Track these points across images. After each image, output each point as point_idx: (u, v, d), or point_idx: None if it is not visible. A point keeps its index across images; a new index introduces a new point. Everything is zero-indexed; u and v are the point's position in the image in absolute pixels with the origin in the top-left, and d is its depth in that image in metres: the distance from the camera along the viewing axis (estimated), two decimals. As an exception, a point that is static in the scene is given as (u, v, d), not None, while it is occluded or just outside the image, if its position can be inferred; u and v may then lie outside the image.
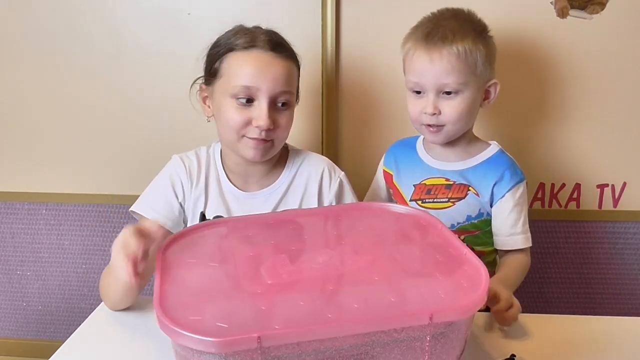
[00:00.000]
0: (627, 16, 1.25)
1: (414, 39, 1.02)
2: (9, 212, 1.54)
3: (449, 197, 1.08)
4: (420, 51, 1.00)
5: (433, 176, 1.10)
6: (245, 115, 0.98)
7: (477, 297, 0.61)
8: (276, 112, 0.99)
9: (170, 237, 0.77)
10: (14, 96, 1.43)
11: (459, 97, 1.00)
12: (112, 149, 1.44)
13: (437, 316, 0.58)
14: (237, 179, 1.07)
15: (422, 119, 1.03)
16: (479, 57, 0.99)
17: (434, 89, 1.00)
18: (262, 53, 0.98)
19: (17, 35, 1.38)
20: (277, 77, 0.98)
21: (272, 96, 0.98)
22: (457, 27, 0.99)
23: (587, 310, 1.49)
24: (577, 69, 1.30)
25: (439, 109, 1.01)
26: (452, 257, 0.70)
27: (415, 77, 1.02)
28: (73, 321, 1.62)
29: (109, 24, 1.35)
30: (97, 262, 1.57)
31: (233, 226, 0.82)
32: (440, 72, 0.98)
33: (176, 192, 1.05)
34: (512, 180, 1.06)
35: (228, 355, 0.55)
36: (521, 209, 1.07)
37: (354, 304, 0.60)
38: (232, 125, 0.98)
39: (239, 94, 0.97)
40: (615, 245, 1.44)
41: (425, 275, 0.67)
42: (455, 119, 1.01)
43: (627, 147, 1.35)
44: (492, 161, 1.08)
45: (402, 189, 1.14)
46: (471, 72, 0.99)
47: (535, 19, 1.26)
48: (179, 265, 0.70)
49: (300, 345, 0.56)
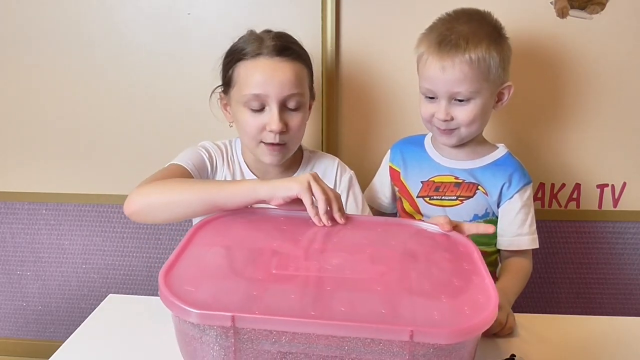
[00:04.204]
0: (627, 16, 1.25)
1: (427, 44, 1.01)
2: (9, 212, 1.54)
3: (457, 195, 1.09)
4: (433, 58, 0.99)
5: (442, 174, 1.10)
6: (259, 121, 1.02)
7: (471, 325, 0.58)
8: (287, 114, 1.03)
9: (209, 216, 0.82)
10: (14, 96, 1.43)
11: (471, 104, 1.00)
12: (112, 149, 1.44)
13: (419, 335, 0.55)
14: (257, 172, 1.13)
15: (434, 122, 1.04)
16: (492, 64, 0.98)
17: (446, 96, 1.00)
18: (268, 60, 1.01)
19: (18, 35, 1.38)
20: (284, 82, 1.01)
21: (281, 100, 1.01)
22: (471, 34, 0.98)
23: (587, 310, 1.49)
24: (576, 69, 1.30)
25: (451, 115, 1.01)
26: (471, 285, 0.67)
27: (427, 84, 1.02)
28: (73, 321, 1.62)
29: (109, 24, 1.35)
30: (97, 262, 1.57)
31: (274, 217, 0.84)
32: (452, 81, 0.98)
33: (211, 160, 1.10)
34: (521, 182, 1.07)
35: (205, 327, 0.60)
36: (528, 210, 1.08)
37: (341, 307, 0.60)
38: (249, 132, 1.04)
39: (250, 102, 1.02)
40: (615, 245, 1.44)
41: (430, 296, 0.64)
42: (468, 123, 1.02)
43: (627, 147, 1.35)
44: (501, 163, 1.09)
45: (409, 185, 1.14)
46: (484, 79, 0.99)
47: (535, 19, 1.26)
48: (201, 243, 0.74)
49: (274, 334, 0.59)
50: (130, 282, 1.58)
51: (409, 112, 1.32)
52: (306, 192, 0.80)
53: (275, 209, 0.84)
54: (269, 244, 0.75)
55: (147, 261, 1.56)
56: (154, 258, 1.55)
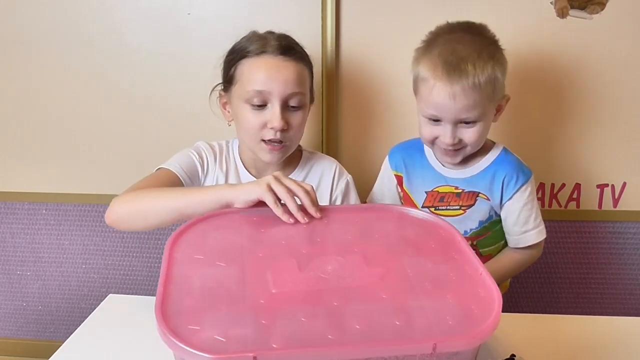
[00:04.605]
0: (627, 16, 1.25)
1: (430, 67, 0.97)
2: (9, 212, 1.54)
3: (460, 204, 1.08)
4: (442, 86, 0.95)
5: (444, 184, 1.09)
6: (260, 118, 1.03)
7: (485, 327, 0.58)
8: (289, 113, 1.04)
9: (181, 227, 0.77)
10: (14, 96, 1.43)
11: (478, 125, 0.99)
12: (112, 149, 1.44)
13: (441, 346, 0.56)
14: (253, 171, 1.13)
15: (438, 143, 1.02)
16: (497, 84, 0.98)
17: (453, 121, 0.98)
18: (272, 58, 1.03)
19: (17, 35, 1.38)
20: (287, 80, 1.02)
21: (283, 98, 1.02)
22: (476, 55, 0.95)
23: (587, 310, 1.49)
24: (576, 69, 1.29)
25: (458, 137, 1.00)
26: (466, 277, 0.68)
27: (433, 110, 0.99)
28: (73, 321, 1.62)
29: (109, 24, 1.34)
30: (97, 262, 1.57)
31: (247, 219, 0.80)
32: (461, 109, 0.96)
33: (201, 161, 1.10)
34: (520, 181, 1.06)
35: None
36: (531, 206, 1.08)
37: (356, 324, 0.58)
38: (249, 129, 1.04)
39: (252, 99, 1.02)
40: (615, 245, 1.44)
41: (435, 297, 0.64)
42: (474, 142, 1.01)
43: (627, 147, 1.35)
44: (498, 163, 1.08)
45: (412, 194, 1.13)
46: (489, 100, 0.98)
47: (535, 19, 1.26)
48: (186, 262, 0.70)
49: None
50: (130, 282, 1.58)
51: (409, 113, 1.31)
52: (267, 193, 0.79)
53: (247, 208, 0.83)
54: (255, 253, 0.72)
55: (147, 261, 1.56)
56: (154, 258, 1.55)
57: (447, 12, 1.23)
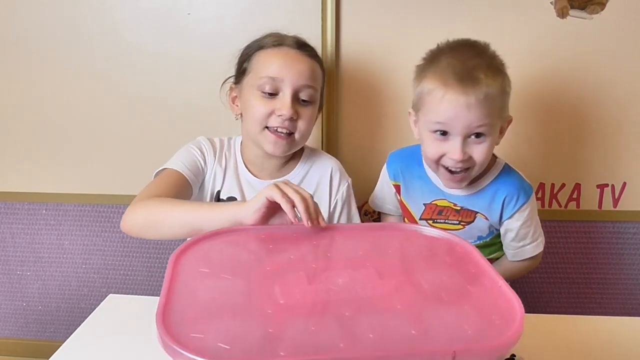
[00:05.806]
0: (627, 16, 1.25)
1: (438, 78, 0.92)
2: (9, 212, 1.54)
3: (459, 220, 1.07)
4: (452, 94, 0.90)
5: (442, 198, 1.07)
6: (270, 106, 1.03)
7: (507, 337, 0.55)
8: (299, 105, 1.05)
9: (188, 241, 0.76)
10: (14, 96, 1.43)
11: (487, 141, 0.94)
12: (112, 149, 1.44)
13: (461, 356, 0.52)
14: (253, 168, 1.13)
15: (444, 162, 0.97)
16: (506, 98, 0.95)
17: (463, 133, 0.92)
18: (289, 49, 1.05)
19: (17, 35, 1.38)
20: (301, 71, 1.03)
21: (295, 88, 1.03)
22: (486, 66, 0.92)
23: (587, 310, 1.49)
24: (576, 69, 1.30)
25: (468, 154, 0.94)
26: (484, 289, 0.65)
27: (443, 120, 0.93)
28: (73, 321, 1.62)
29: (109, 24, 1.34)
30: (97, 262, 1.57)
31: (255, 236, 0.79)
32: (475, 118, 0.91)
33: (202, 155, 1.11)
34: (520, 201, 1.03)
35: None
36: (531, 222, 1.05)
37: (369, 333, 0.55)
38: (257, 115, 1.04)
39: (264, 85, 1.03)
40: (615, 245, 1.44)
41: (452, 307, 0.61)
42: (482, 162, 0.96)
43: (627, 147, 1.35)
44: (499, 182, 1.04)
45: (410, 206, 1.11)
46: (498, 115, 0.94)
47: (535, 19, 1.26)
48: (191, 274, 0.67)
49: None
50: (130, 282, 1.58)
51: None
52: (275, 190, 0.79)
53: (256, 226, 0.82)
54: (262, 267, 0.69)
55: (147, 261, 1.56)
56: (154, 258, 1.55)
57: (447, 12, 1.23)
